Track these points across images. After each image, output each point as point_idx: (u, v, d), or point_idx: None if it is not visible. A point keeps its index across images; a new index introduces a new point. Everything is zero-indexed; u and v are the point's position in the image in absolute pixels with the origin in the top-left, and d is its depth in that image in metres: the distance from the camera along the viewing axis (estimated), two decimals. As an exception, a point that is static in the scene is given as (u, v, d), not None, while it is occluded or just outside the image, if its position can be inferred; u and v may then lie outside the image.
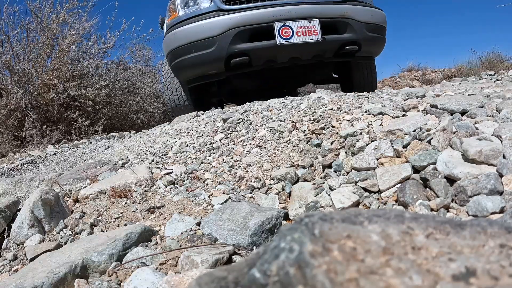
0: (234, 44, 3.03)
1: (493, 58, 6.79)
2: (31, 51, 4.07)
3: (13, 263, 1.20)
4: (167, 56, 3.51)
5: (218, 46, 3.05)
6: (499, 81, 2.77)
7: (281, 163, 1.52)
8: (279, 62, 3.28)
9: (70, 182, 1.78)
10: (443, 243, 0.33)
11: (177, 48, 3.26)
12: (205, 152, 1.81)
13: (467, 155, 1.01)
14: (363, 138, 1.40)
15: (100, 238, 1.10)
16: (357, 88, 3.99)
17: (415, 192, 1.01)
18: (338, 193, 1.15)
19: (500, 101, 1.45)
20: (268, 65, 3.30)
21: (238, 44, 3.03)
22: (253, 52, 3.07)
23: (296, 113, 1.90)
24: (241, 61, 3.11)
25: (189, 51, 3.18)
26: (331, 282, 0.28)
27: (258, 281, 0.31)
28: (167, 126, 2.73)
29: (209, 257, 0.87)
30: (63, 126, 3.89)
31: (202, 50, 3.12)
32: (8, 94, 3.86)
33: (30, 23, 4.09)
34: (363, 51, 3.36)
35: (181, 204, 1.36)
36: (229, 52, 3.05)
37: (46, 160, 2.48)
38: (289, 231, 0.34)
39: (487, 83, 2.56)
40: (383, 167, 1.20)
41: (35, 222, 1.32)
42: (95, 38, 4.73)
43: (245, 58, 3.10)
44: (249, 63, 3.21)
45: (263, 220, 1.05)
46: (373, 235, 0.33)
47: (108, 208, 1.41)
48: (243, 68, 3.27)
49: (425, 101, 1.59)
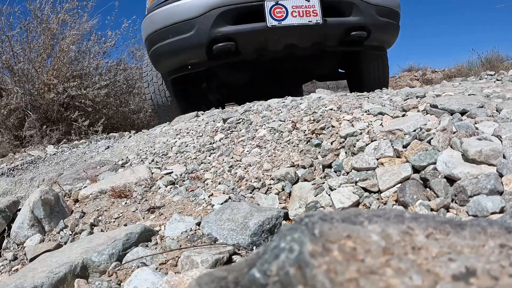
0: (217, 27, 2.56)
1: (493, 58, 6.79)
2: (31, 51, 4.07)
3: (13, 263, 1.20)
4: (145, 44, 3.08)
5: (198, 30, 2.60)
6: (499, 81, 2.77)
7: (281, 163, 1.52)
8: (271, 50, 2.78)
9: (70, 182, 1.78)
10: (443, 243, 0.33)
11: (153, 33, 2.83)
12: (205, 152, 1.81)
13: (467, 155, 1.01)
14: (363, 138, 1.40)
15: (100, 238, 1.10)
16: (367, 85, 3.42)
17: (415, 192, 1.01)
18: (338, 193, 1.15)
19: (500, 101, 1.45)
20: (258, 53, 2.81)
21: (222, 27, 2.57)
22: (240, 36, 2.59)
23: (296, 113, 1.90)
24: (225, 48, 2.62)
25: (166, 36, 2.73)
26: (331, 282, 0.28)
27: (258, 281, 0.31)
28: (167, 126, 2.73)
29: (209, 257, 0.87)
30: (63, 126, 3.89)
31: (179, 34, 2.67)
32: (8, 94, 3.86)
33: (30, 23, 4.09)
34: (373, 39, 2.84)
35: (181, 204, 1.36)
36: (211, 37, 2.58)
37: (46, 160, 2.48)
38: (289, 231, 0.34)
39: (487, 83, 2.56)
40: (383, 167, 1.20)
41: (35, 222, 1.32)
42: (95, 38, 4.73)
43: (230, 44, 2.61)
44: (236, 51, 2.72)
45: (263, 220, 1.05)
46: (373, 235, 0.33)
47: (108, 208, 1.41)
48: (229, 56, 2.78)
49: (425, 101, 1.59)
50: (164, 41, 2.77)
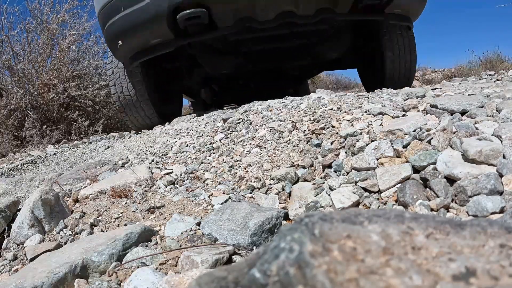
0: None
1: (493, 58, 6.79)
2: (31, 51, 4.08)
3: (13, 263, 1.20)
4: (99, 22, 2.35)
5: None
6: (499, 81, 2.77)
7: (281, 163, 1.52)
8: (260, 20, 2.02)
9: (70, 182, 1.78)
10: (443, 243, 0.33)
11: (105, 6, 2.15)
12: (205, 152, 1.81)
13: (467, 155, 1.01)
14: (363, 138, 1.40)
15: (100, 238, 1.10)
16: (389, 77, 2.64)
17: (415, 192, 1.01)
18: (338, 193, 1.15)
19: (500, 101, 1.45)
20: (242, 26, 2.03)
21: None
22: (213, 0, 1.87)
23: (296, 113, 1.90)
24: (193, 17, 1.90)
25: (117, 9, 2.07)
26: (331, 282, 0.28)
27: (258, 281, 0.31)
28: (167, 126, 2.73)
29: (209, 257, 0.87)
30: (63, 126, 3.89)
31: (132, 4, 2.01)
32: (8, 94, 3.86)
33: (29, 23, 4.10)
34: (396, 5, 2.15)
35: (181, 204, 1.36)
36: (173, 3, 1.90)
37: (46, 160, 2.48)
38: (289, 231, 0.34)
39: (487, 83, 2.56)
40: (383, 167, 1.20)
41: (35, 222, 1.32)
42: (95, 38, 4.73)
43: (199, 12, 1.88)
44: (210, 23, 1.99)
45: (263, 220, 1.05)
46: (373, 235, 0.33)
47: (108, 208, 1.41)
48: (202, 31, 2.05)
49: (425, 101, 1.59)
50: (116, 15, 2.08)
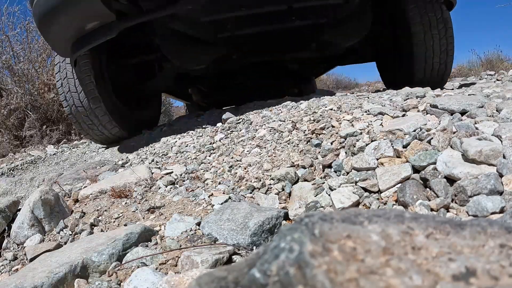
0: None
1: (494, 58, 6.79)
2: (31, 51, 4.08)
3: (13, 263, 1.20)
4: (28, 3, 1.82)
5: None
6: (499, 81, 2.77)
7: (281, 163, 1.52)
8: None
9: (70, 182, 1.79)
10: (443, 243, 0.33)
11: None
12: (205, 152, 1.81)
13: (467, 155, 1.01)
14: (363, 138, 1.40)
15: (100, 238, 1.10)
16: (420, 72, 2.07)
17: (415, 192, 1.01)
18: (338, 193, 1.15)
19: (500, 101, 1.45)
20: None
21: None
22: None
23: (296, 113, 1.90)
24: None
25: None
26: (331, 282, 0.28)
27: (258, 281, 0.31)
28: (167, 126, 2.73)
29: (209, 257, 0.87)
30: (63, 126, 3.89)
31: None
32: (8, 94, 3.86)
33: (30, 23, 4.10)
34: None
35: (181, 204, 1.36)
36: None
37: (46, 160, 2.48)
38: (289, 231, 0.34)
39: (487, 83, 2.56)
40: (383, 167, 1.20)
41: (35, 222, 1.32)
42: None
43: None
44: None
45: (263, 220, 1.05)
46: (373, 235, 0.33)
47: (108, 208, 1.41)
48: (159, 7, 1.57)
49: (425, 101, 1.59)
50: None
